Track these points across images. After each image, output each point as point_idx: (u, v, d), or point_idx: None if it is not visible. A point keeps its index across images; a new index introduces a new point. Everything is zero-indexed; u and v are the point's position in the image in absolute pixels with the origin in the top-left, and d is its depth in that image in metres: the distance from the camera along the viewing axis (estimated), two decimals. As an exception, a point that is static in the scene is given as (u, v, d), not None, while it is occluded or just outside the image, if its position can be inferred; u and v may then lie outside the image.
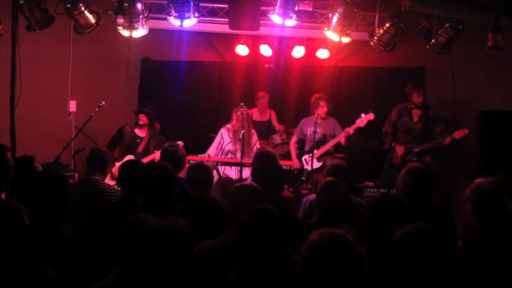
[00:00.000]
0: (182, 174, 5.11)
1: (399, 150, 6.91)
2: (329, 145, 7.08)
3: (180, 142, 5.77)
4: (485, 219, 3.40)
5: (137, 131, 6.95)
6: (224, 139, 6.95)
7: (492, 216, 3.39)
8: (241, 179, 6.34)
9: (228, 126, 6.97)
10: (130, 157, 6.63)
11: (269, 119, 7.90)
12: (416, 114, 6.98)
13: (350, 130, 6.92)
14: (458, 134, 6.64)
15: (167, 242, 2.36)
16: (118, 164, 6.36)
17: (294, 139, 7.42)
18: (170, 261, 2.34)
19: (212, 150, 6.95)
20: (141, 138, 6.92)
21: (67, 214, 3.48)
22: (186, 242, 2.40)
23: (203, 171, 4.22)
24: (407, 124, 6.96)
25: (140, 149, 6.84)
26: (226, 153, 6.89)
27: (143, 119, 6.92)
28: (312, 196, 4.94)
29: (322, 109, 7.06)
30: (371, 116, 6.89)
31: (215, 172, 6.10)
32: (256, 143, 6.96)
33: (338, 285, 2.16)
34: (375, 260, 2.44)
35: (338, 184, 4.10)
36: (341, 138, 6.97)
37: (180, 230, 2.40)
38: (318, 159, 7.08)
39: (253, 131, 7.00)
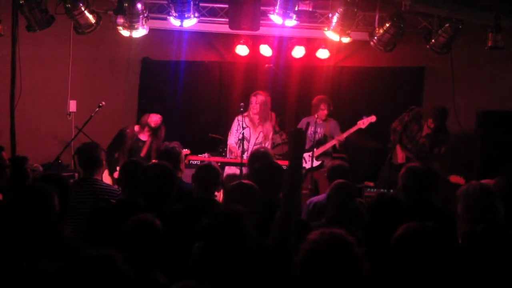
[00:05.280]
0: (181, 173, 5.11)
1: (400, 156, 6.88)
2: (327, 146, 7.13)
3: (175, 142, 5.69)
4: (472, 221, 3.32)
5: (139, 133, 6.68)
6: (240, 126, 6.90)
7: (479, 219, 3.30)
8: (241, 176, 6.34)
9: (244, 113, 6.96)
10: None
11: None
12: (426, 130, 6.80)
13: (342, 137, 7.02)
14: (454, 179, 6.49)
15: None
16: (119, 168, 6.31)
17: None
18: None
19: (232, 136, 6.95)
20: (143, 142, 6.66)
21: (67, 215, 3.49)
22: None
23: (211, 172, 4.19)
24: (413, 132, 6.88)
25: (142, 153, 6.60)
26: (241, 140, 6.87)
27: (157, 121, 6.63)
28: (317, 198, 4.92)
29: (322, 112, 7.09)
30: (373, 118, 6.92)
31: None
32: (269, 133, 6.98)
33: (336, 285, 2.16)
34: (374, 261, 2.43)
35: (350, 186, 4.07)
36: (335, 142, 7.06)
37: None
38: (317, 158, 7.10)
39: (269, 121, 7.06)
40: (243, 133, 6.55)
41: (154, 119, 6.65)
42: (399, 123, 7.06)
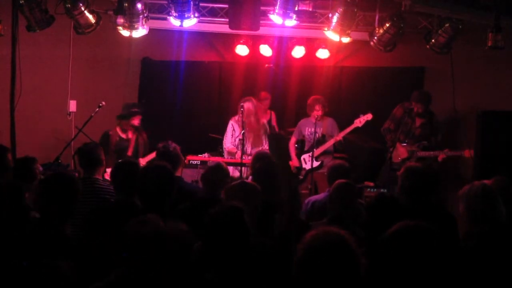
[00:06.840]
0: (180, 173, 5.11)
1: (402, 152, 6.91)
2: (326, 146, 7.13)
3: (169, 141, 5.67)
4: (474, 222, 3.32)
5: (122, 134, 6.78)
6: (235, 130, 6.94)
7: (480, 219, 3.30)
8: (241, 177, 6.35)
9: (236, 117, 6.96)
10: None
11: (269, 120, 7.90)
12: (418, 119, 6.96)
13: (339, 136, 7.03)
14: (467, 153, 6.63)
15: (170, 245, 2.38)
16: (109, 170, 6.31)
17: (293, 140, 7.44)
18: (171, 263, 2.35)
19: (227, 141, 6.98)
20: (128, 140, 6.76)
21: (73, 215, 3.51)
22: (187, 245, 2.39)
23: (219, 173, 4.20)
24: (407, 126, 6.94)
25: (130, 152, 6.68)
26: (237, 144, 6.87)
27: (137, 121, 6.80)
28: (315, 197, 4.93)
29: (316, 112, 7.07)
30: (369, 116, 6.94)
31: None
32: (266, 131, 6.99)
33: (335, 285, 2.15)
34: (372, 261, 2.43)
35: (351, 186, 4.08)
36: (332, 142, 7.08)
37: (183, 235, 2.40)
38: (316, 158, 7.10)
39: (264, 121, 7.07)
40: (243, 133, 6.54)
41: (136, 119, 6.82)
42: (391, 122, 7.09)
